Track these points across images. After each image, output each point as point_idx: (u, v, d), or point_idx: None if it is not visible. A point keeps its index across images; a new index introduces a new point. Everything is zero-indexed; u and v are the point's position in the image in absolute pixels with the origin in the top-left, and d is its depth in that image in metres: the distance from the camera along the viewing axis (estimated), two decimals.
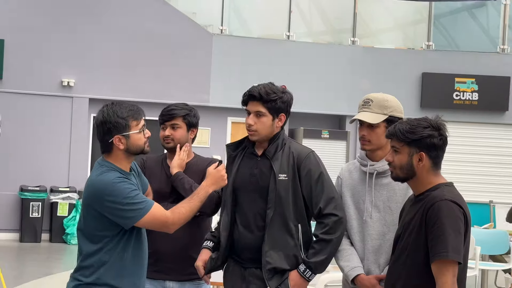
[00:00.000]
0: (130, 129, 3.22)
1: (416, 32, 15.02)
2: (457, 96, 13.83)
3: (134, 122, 3.23)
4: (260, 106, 3.52)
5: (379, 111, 3.47)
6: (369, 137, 3.48)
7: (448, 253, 2.79)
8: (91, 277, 3.21)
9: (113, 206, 3.14)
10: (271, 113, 3.53)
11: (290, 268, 3.46)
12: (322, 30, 14.88)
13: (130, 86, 12.69)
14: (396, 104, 3.54)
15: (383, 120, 3.46)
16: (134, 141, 3.24)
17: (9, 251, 10.99)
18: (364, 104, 3.53)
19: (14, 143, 12.14)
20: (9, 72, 12.16)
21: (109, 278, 3.21)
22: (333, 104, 13.67)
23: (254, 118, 3.54)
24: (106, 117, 3.21)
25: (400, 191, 3.42)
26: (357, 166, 3.62)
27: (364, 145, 3.51)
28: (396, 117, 3.48)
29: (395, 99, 3.55)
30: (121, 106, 3.24)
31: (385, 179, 3.44)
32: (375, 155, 3.53)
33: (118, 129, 3.20)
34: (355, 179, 3.58)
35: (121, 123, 3.20)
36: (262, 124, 3.53)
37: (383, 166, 3.44)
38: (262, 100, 3.51)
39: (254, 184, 3.53)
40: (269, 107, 3.52)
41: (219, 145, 13.06)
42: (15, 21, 12.24)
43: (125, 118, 3.21)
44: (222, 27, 13.63)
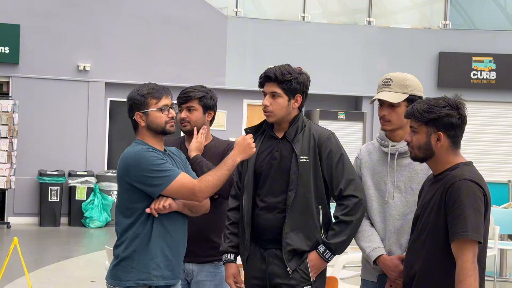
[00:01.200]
0: (149, 106, 3.35)
1: (432, 11, 14.89)
2: (474, 75, 13.71)
3: (153, 100, 3.35)
4: (276, 87, 3.52)
5: (400, 90, 3.44)
6: (390, 117, 3.45)
7: (468, 233, 2.78)
8: (127, 251, 3.31)
9: (141, 174, 3.23)
10: (286, 94, 3.52)
11: (310, 249, 3.47)
12: (337, 11, 14.79)
13: (146, 70, 12.71)
14: (416, 83, 3.51)
15: (404, 99, 3.43)
16: (153, 119, 3.35)
17: (29, 235, 11.10)
18: (384, 84, 3.50)
19: (31, 128, 12.23)
20: (25, 57, 12.22)
21: (143, 251, 3.28)
22: (349, 85, 13.62)
23: (269, 99, 3.54)
24: (130, 95, 3.41)
25: (422, 172, 3.39)
26: (376, 147, 3.60)
27: (384, 125, 3.48)
28: (417, 96, 3.45)
29: (414, 78, 3.53)
30: (145, 85, 3.40)
31: (406, 159, 3.41)
32: (395, 135, 3.50)
33: (138, 106, 3.37)
34: (374, 159, 3.56)
35: (140, 100, 3.36)
36: (277, 105, 3.52)
37: (404, 147, 3.41)
38: (278, 81, 3.50)
39: (275, 167, 3.53)
40: (285, 88, 3.51)
41: (235, 127, 13.08)
42: (30, 6, 12.27)
43: (144, 95, 3.36)
44: (237, 9, 13.58)
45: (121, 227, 3.34)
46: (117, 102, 12.86)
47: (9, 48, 12.07)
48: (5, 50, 12.06)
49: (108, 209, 12.08)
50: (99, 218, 11.92)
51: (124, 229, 3.33)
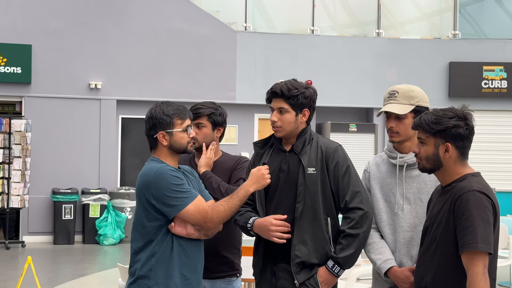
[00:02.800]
0: (174, 126, 3.37)
1: (442, 21, 14.87)
2: (485, 85, 13.67)
3: (178, 120, 3.38)
4: (283, 102, 3.55)
5: (406, 102, 3.46)
6: (397, 129, 3.47)
7: (478, 244, 2.77)
8: (143, 269, 3.31)
9: (159, 193, 3.25)
10: (294, 109, 3.54)
11: (319, 262, 3.47)
12: (346, 23, 14.81)
13: (156, 86, 12.77)
14: (422, 94, 3.52)
15: (410, 110, 3.45)
16: (178, 139, 3.38)
17: (43, 254, 11.14)
18: (390, 96, 3.52)
19: (45, 147, 12.30)
20: (37, 77, 12.32)
21: (160, 270, 3.29)
22: (360, 97, 13.61)
23: (277, 115, 3.56)
24: (153, 113, 3.39)
25: (431, 183, 3.40)
26: (384, 159, 3.61)
27: (392, 137, 3.50)
28: (423, 107, 3.47)
29: (420, 89, 3.54)
30: (169, 104, 3.42)
31: (415, 171, 3.43)
32: (403, 147, 3.52)
33: (163, 125, 3.37)
34: (383, 172, 3.57)
35: (166, 119, 3.37)
36: (285, 120, 3.55)
37: (413, 158, 3.42)
38: (284, 96, 3.53)
39: (283, 179, 3.55)
40: (292, 103, 3.53)
41: (246, 142, 13.09)
42: (41, 26, 12.39)
43: (170, 115, 3.38)
44: (246, 24, 13.64)
45: (137, 245, 3.35)
46: (129, 119, 12.92)
47: (21, 68, 12.18)
48: (17, 70, 12.17)
49: (122, 226, 12.11)
50: (113, 235, 11.95)
51: (141, 247, 3.33)
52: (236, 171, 3.95)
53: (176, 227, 3.30)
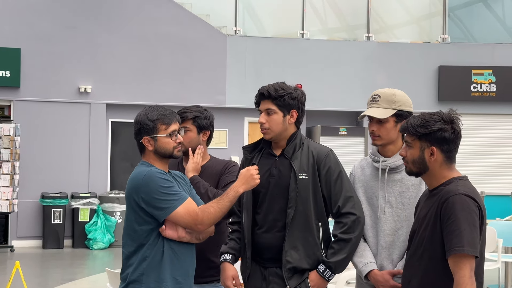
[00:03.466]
0: (158, 132, 3.35)
1: (431, 26, 14.93)
2: (474, 88, 13.72)
3: (163, 126, 3.35)
4: (270, 103, 3.55)
5: (387, 106, 3.49)
6: (379, 132, 3.51)
7: (464, 247, 2.78)
8: (135, 274, 3.30)
9: (149, 196, 3.24)
10: (281, 109, 3.54)
11: (310, 267, 3.47)
12: (336, 27, 14.84)
13: (147, 90, 12.75)
14: (405, 98, 3.55)
15: (391, 114, 3.48)
16: (162, 144, 3.36)
17: (33, 258, 11.08)
18: (372, 100, 3.57)
19: (34, 151, 12.25)
20: (26, 80, 12.27)
21: (152, 274, 3.27)
22: (349, 101, 13.63)
23: (265, 116, 3.57)
24: (138, 118, 3.39)
25: (413, 187, 3.42)
26: (369, 162, 3.63)
27: (374, 140, 3.54)
28: (405, 111, 3.49)
29: (403, 94, 3.56)
30: (154, 109, 3.39)
31: (398, 174, 3.46)
32: (386, 150, 3.54)
33: (147, 130, 3.36)
34: (367, 175, 3.59)
35: (149, 125, 3.35)
36: (273, 122, 3.55)
37: (395, 162, 3.46)
38: (271, 97, 3.54)
39: (274, 184, 3.54)
40: (279, 103, 3.54)
41: (236, 145, 13.08)
42: (30, 30, 12.35)
43: (154, 121, 3.35)
44: (236, 28, 13.64)
45: (129, 250, 3.33)
46: (119, 123, 12.89)
47: (10, 72, 12.13)
48: (6, 74, 12.12)
49: (112, 230, 12.07)
50: (103, 239, 11.90)
51: (132, 252, 3.32)
52: (224, 175, 3.93)
53: (167, 230, 3.29)
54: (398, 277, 3.32)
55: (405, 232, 3.35)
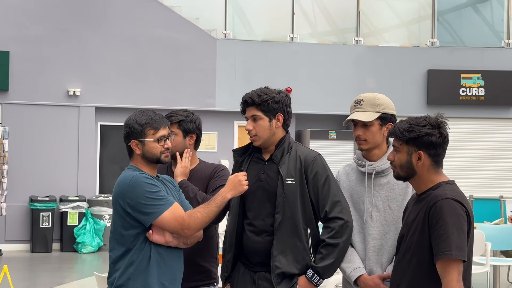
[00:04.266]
0: (146, 136, 3.34)
1: (420, 29, 14.99)
2: (463, 92, 13.78)
3: (151, 130, 3.35)
4: (255, 109, 3.55)
5: (371, 109, 3.51)
6: (365, 136, 3.51)
7: (452, 252, 2.79)
8: (121, 278, 3.29)
9: (134, 201, 3.23)
10: (266, 115, 3.54)
11: (299, 272, 3.47)
12: (326, 31, 14.87)
13: (136, 94, 12.73)
14: (387, 101, 3.57)
15: (376, 117, 3.49)
16: (149, 148, 3.35)
17: (21, 262, 11.03)
18: (355, 105, 3.57)
19: (22, 154, 12.19)
20: (14, 83, 12.22)
21: (139, 279, 3.26)
22: (339, 105, 13.65)
23: (251, 123, 3.57)
24: (127, 121, 3.38)
25: (400, 190, 3.43)
26: (354, 168, 3.64)
27: (360, 144, 3.55)
28: (389, 114, 3.52)
29: (385, 97, 3.59)
30: (144, 113, 3.38)
31: (384, 178, 3.47)
32: (372, 155, 3.55)
33: (135, 134, 3.35)
34: (352, 180, 3.60)
35: (138, 129, 3.34)
36: (260, 128, 3.55)
37: (381, 166, 3.47)
38: (255, 103, 3.54)
39: (262, 189, 3.54)
40: (263, 109, 3.54)
41: (226, 149, 13.08)
42: (19, 32, 12.30)
43: (142, 125, 3.35)
44: (226, 31, 13.64)
45: (116, 254, 3.32)
46: (108, 126, 12.86)
47: None
48: None
49: (100, 234, 12.02)
50: (91, 243, 11.86)
51: (119, 256, 3.31)
52: (213, 179, 3.91)
53: (154, 235, 3.28)
54: (387, 281, 3.32)
55: (394, 236, 3.36)
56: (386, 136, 3.32)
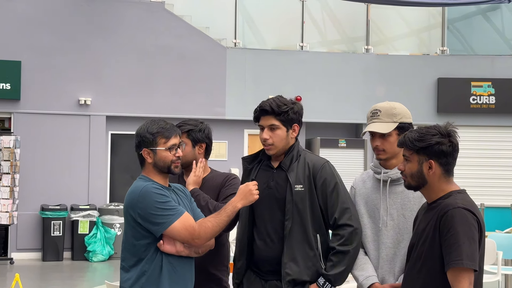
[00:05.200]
0: (157, 145, 3.37)
1: (430, 38, 14.98)
2: (474, 100, 13.75)
3: (162, 139, 3.37)
4: (273, 119, 3.56)
5: (389, 119, 3.49)
6: (383, 147, 3.50)
7: (463, 261, 2.78)
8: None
9: (145, 211, 3.25)
10: (284, 125, 3.56)
11: (310, 279, 3.47)
12: (335, 39, 14.89)
13: (146, 103, 12.78)
14: (404, 110, 3.56)
15: (394, 128, 3.47)
16: (161, 157, 3.37)
17: (32, 271, 11.07)
18: (372, 115, 3.56)
19: (34, 163, 12.26)
20: (26, 93, 12.30)
21: None
22: (349, 113, 13.66)
23: (268, 132, 3.57)
24: (139, 130, 3.42)
25: (415, 199, 3.41)
26: (370, 175, 3.63)
27: (379, 155, 3.53)
28: (406, 123, 3.50)
29: (401, 106, 3.57)
30: (155, 122, 3.41)
31: (399, 186, 3.44)
32: (389, 164, 3.54)
33: (146, 143, 3.38)
34: (368, 187, 3.59)
35: (149, 138, 3.37)
36: (277, 137, 3.56)
37: (396, 174, 3.45)
38: (274, 113, 3.55)
39: (271, 196, 3.55)
40: (282, 119, 3.55)
41: (236, 157, 13.08)
42: (31, 43, 12.39)
43: (153, 134, 3.37)
44: (236, 40, 13.69)
45: (128, 264, 3.34)
46: (118, 135, 12.91)
47: (10, 84, 12.16)
48: (7, 87, 12.15)
49: (111, 242, 12.05)
50: (102, 251, 11.88)
51: (130, 266, 3.32)
52: (224, 188, 3.93)
53: (165, 245, 3.30)
54: None
55: (407, 245, 3.35)
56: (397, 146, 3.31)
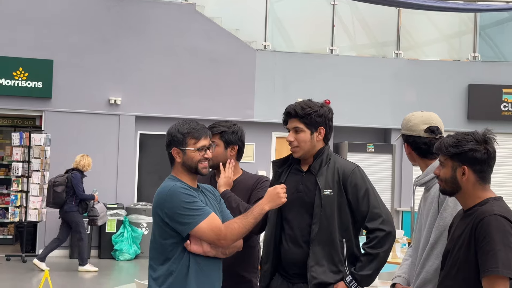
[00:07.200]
0: (187, 145, 3.39)
1: (461, 44, 14.85)
2: (505, 107, 13.60)
3: (192, 140, 3.40)
4: (297, 122, 3.58)
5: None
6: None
7: (499, 269, 2.76)
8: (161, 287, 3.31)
9: (172, 211, 3.27)
10: (308, 127, 3.57)
11: (335, 282, 3.48)
12: (365, 44, 14.83)
13: (175, 103, 12.85)
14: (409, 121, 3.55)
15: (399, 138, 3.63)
16: (189, 158, 3.40)
17: (60, 267, 11.17)
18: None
19: (63, 161, 12.35)
20: (57, 91, 12.44)
21: None
22: (377, 118, 13.60)
23: (293, 135, 3.60)
24: (170, 130, 3.45)
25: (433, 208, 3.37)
26: None
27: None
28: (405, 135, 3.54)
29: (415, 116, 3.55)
30: (186, 123, 3.44)
31: (426, 192, 3.47)
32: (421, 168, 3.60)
33: (176, 142, 3.41)
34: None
35: (179, 137, 3.40)
36: (301, 140, 3.58)
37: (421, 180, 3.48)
38: (298, 116, 3.57)
39: (300, 200, 3.56)
40: (306, 122, 3.57)
41: (264, 160, 13.10)
42: (63, 42, 12.53)
43: (184, 134, 3.40)
44: (266, 43, 13.71)
45: (156, 263, 3.36)
46: (147, 135, 12.99)
47: (42, 83, 12.31)
48: (39, 85, 12.30)
49: (138, 241, 12.12)
50: (129, 250, 11.96)
51: (158, 265, 3.35)
52: (256, 190, 3.94)
53: (192, 245, 3.32)
54: None
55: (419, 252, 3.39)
56: (433, 151, 3.32)
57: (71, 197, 10.70)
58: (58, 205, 10.71)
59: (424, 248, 3.33)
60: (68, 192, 10.71)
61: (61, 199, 10.66)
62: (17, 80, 12.23)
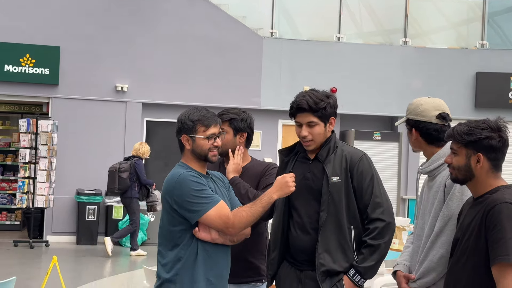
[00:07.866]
0: (197, 133, 3.40)
1: (469, 31, 14.79)
2: None
3: (202, 127, 3.40)
4: (311, 116, 3.55)
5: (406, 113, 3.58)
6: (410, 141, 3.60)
7: (510, 256, 2.75)
8: (169, 273, 3.34)
9: (181, 198, 3.29)
10: (322, 120, 3.56)
11: (343, 270, 3.48)
12: (372, 31, 14.78)
13: (182, 91, 12.84)
14: (418, 106, 3.51)
15: (404, 122, 3.56)
16: (199, 145, 3.40)
17: (67, 253, 11.23)
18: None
19: (70, 148, 12.42)
20: (64, 78, 12.45)
21: (186, 274, 3.32)
22: (384, 106, 13.57)
23: (307, 129, 3.56)
24: (180, 117, 3.46)
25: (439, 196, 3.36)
26: None
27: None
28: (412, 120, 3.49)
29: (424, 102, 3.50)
30: (196, 110, 3.45)
31: (431, 181, 3.45)
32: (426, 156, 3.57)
33: (186, 129, 3.41)
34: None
35: (189, 125, 3.41)
36: (316, 133, 3.56)
37: (425, 168, 3.47)
38: (312, 110, 3.53)
39: (307, 187, 3.56)
40: (320, 115, 3.55)
41: (270, 147, 13.11)
42: (70, 29, 12.52)
43: (194, 121, 3.41)
44: (272, 30, 13.67)
45: (164, 250, 3.39)
46: (154, 122, 13.00)
47: (49, 69, 12.32)
48: (45, 72, 12.31)
49: (144, 228, 12.16)
50: None
51: (167, 251, 3.37)
52: (264, 177, 3.95)
53: (201, 232, 3.33)
54: (412, 281, 3.36)
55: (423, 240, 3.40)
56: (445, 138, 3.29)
57: (133, 183, 10.83)
58: (123, 190, 10.92)
59: (428, 236, 3.32)
60: (131, 178, 10.83)
61: (127, 185, 10.85)
62: (24, 66, 12.24)
